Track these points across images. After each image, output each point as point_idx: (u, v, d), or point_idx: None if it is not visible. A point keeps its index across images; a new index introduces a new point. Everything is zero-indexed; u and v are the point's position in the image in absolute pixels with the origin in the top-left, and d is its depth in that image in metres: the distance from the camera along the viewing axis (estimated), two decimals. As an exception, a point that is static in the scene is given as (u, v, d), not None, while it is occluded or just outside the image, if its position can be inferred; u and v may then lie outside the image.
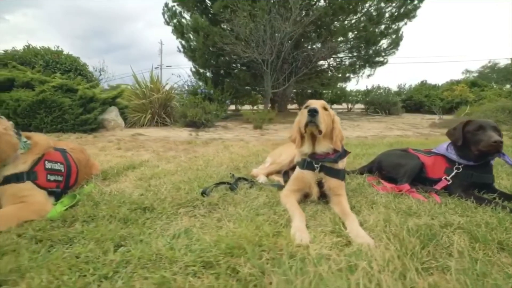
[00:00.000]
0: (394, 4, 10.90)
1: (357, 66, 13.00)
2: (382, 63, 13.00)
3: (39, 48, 10.40)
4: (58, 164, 1.69)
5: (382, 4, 10.73)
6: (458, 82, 14.43)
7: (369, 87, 15.85)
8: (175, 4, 11.89)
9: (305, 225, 1.26)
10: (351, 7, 9.90)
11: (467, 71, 26.76)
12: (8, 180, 1.42)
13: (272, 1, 8.20)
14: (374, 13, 10.72)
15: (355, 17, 11.36)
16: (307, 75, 11.55)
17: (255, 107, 15.76)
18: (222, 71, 11.63)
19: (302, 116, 1.54)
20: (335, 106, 17.45)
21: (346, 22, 11.00)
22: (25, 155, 1.52)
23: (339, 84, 15.19)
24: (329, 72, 13.64)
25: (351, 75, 13.46)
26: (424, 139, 5.47)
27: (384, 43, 11.97)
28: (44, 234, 1.15)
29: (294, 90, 14.37)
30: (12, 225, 1.25)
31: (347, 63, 13.26)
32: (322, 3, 10.23)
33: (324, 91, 16.69)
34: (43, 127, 5.79)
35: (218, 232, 1.18)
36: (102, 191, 1.74)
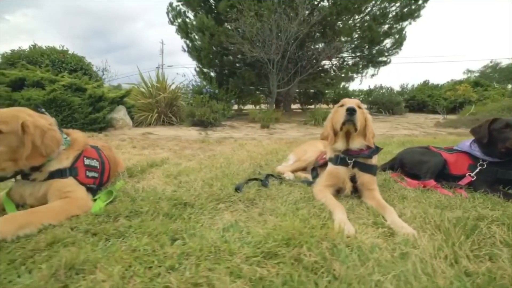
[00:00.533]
0: (398, 4, 10.95)
1: (360, 66, 13.04)
2: (385, 63, 13.03)
3: (44, 48, 10.42)
4: (95, 160, 1.73)
5: (386, 4, 10.78)
6: (460, 82, 14.49)
7: (372, 87, 15.92)
8: (179, 3, 11.92)
9: (347, 218, 1.30)
10: (355, 6, 9.94)
11: (469, 71, 26.87)
12: (53, 175, 1.45)
13: (278, 1, 8.23)
14: (378, 13, 10.77)
15: (358, 17, 11.41)
16: (311, 75, 11.59)
17: (257, 107, 15.81)
18: (226, 71, 11.66)
19: (338, 115, 1.59)
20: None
21: (350, 21, 11.03)
22: (66, 151, 1.56)
23: (342, 84, 15.25)
24: (332, 72, 13.68)
25: (354, 75, 13.51)
26: (432, 138, 5.52)
27: (387, 42, 12.02)
28: (96, 228, 1.18)
29: (297, 90, 14.40)
30: (62, 219, 1.29)
31: (350, 63, 13.30)
32: (325, 3, 10.28)
33: (327, 91, 16.75)
34: (53, 126, 5.81)
35: (264, 225, 1.22)
36: (136, 188, 1.77)
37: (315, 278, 0.83)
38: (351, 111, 1.49)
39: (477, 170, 1.85)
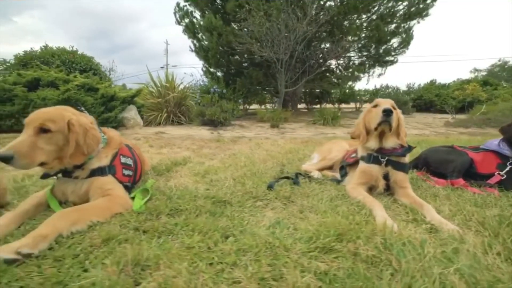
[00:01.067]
0: (406, 3, 10.88)
1: (367, 66, 12.99)
2: (392, 62, 12.97)
3: (55, 49, 10.55)
4: (129, 159, 1.76)
5: (393, 3, 10.72)
6: (468, 81, 14.37)
7: (378, 87, 15.85)
8: (186, 4, 11.98)
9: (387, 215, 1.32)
10: (363, 5, 9.91)
11: (476, 69, 26.53)
12: (94, 173, 1.48)
13: (286, 1, 8.23)
14: (385, 12, 10.72)
15: (365, 16, 11.37)
16: (318, 75, 11.58)
17: (262, 106, 15.84)
18: (233, 71, 11.69)
19: (373, 115, 1.61)
20: (343, 105, 17.45)
21: (357, 21, 11.00)
22: (105, 150, 1.59)
23: (348, 84, 15.20)
24: (338, 72, 13.65)
25: (361, 75, 13.45)
26: (445, 137, 5.49)
27: (395, 42, 11.96)
28: (144, 226, 1.20)
29: (303, 90, 14.39)
30: (107, 217, 1.30)
31: (356, 62, 13.26)
32: (332, 2, 10.26)
33: (332, 90, 16.72)
34: (67, 125, 5.89)
35: (308, 222, 1.24)
36: (168, 186, 1.80)
37: (377, 271, 0.85)
38: (388, 112, 1.52)
39: (507, 169, 1.85)
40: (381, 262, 0.89)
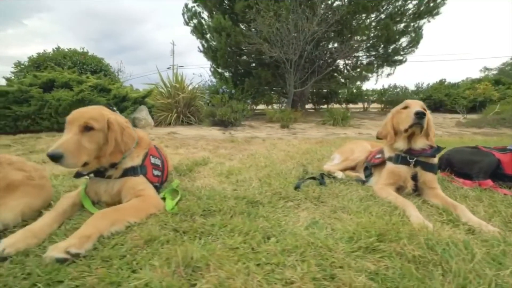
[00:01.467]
0: (415, 2, 10.75)
1: (375, 65, 12.88)
2: (401, 62, 12.84)
3: (66, 50, 10.73)
4: (158, 159, 1.78)
5: (402, 2, 10.59)
6: (479, 80, 14.13)
7: (385, 86, 15.70)
8: (194, 5, 12.06)
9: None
10: (372, 4, 9.83)
11: (486, 68, 25.96)
12: (126, 172, 1.49)
13: (296, 1, 8.22)
14: (395, 11, 10.60)
15: (373, 15, 11.28)
16: (326, 74, 11.52)
17: (269, 106, 15.84)
18: (241, 71, 11.72)
19: (403, 116, 1.61)
20: (350, 105, 17.34)
21: (367, 20, 10.91)
22: (136, 150, 1.61)
23: (356, 83, 15.09)
24: (345, 71, 13.56)
25: (369, 75, 13.34)
26: (459, 138, 5.42)
27: (404, 41, 11.83)
28: (183, 227, 1.20)
29: (310, 90, 14.34)
30: (143, 218, 1.30)
31: (364, 62, 13.15)
32: (341, 1, 10.20)
33: (340, 90, 16.63)
34: (81, 126, 5.98)
35: (343, 222, 1.25)
36: (196, 187, 1.82)
37: (426, 272, 0.85)
38: (421, 115, 1.51)
39: (538, 170, 1.82)
40: (429, 262, 0.90)
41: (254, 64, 11.12)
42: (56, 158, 1.20)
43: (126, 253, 1.00)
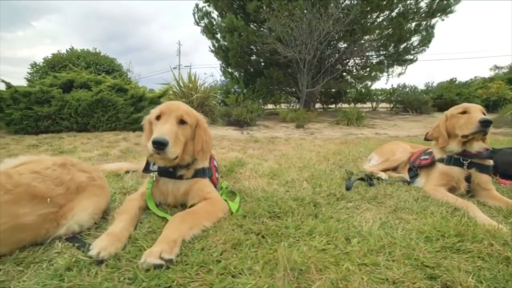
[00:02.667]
0: (427, 0, 10.64)
1: (385, 64, 12.79)
2: (411, 61, 12.74)
3: (79, 51, 10.85)
4: (216, 161, 1.79)
5: (413, 1, 10.47)
6: (491, 79, 13.97)
7: (394, 86, 15.58)
8: (205, 5, 12.10)
9: (486, 217, 1.32)
10: (385, 3, 9.76)
11: (496, 67, 25.45)
12: (197, 173, 1.48)
13: (310, 1, 8.21)
14: (407, 9, 10.51)
15: (384, 14, 11.20)
16: (337, 73, 11.49)
17: (277, 106, 15.82)
18: (252, 71, 11.73)
19: (463, 122, 1.62)
20: (359, 105, 17.25)
21: (378, 19, 10.84)
22: None
23: (366, 83, 15.01)
24: (354, 71, 13.50)
25: (379, 74, 13.26)
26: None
27: (415, 40, 11.73)
28: (259, 229, 1.19)
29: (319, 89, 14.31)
30: (214, 221, 1.27)
31: (374, 61, 13.07)
32: (355, 1, 10.15)
33: (348, 90, 16.56)
34: (99, 125, 6.05)
35: (408, 222, 1.26)
36: (248, 188, 1.84)
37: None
38: (487, 123, 1.51)
39: None
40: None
41: (265, 64, 11.12)
42: (163, 144, 1.19)
43: (219, 257, 0.98)
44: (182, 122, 1.34)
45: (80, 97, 5.94)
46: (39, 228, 1.03)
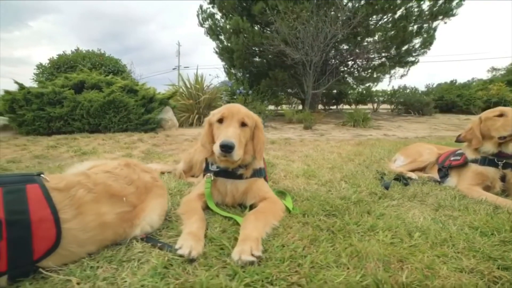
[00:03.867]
0: (430, 3, 10.79)
1: (387, 66, 12.93)
2: (413, 63, 12.91)
3: (84, 52, 10.84)
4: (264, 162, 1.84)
5: (414, 4, 10.62)
6: (491, 81, 14.23)
7: (395, 87, 15.78)
8: (210, 6, 12.16)
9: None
10: (387, 6, 9.89)
11: (494, 68, 25.79)
12: (255, 173, 1.53)
13: (317, 3, 8.32)
14: (410, 12, 10.65)
15: (387, 16, 11.34)
16: (338, 75, 11.61)
17: (278, 107, 15.91)
18: (255, 72, 11.80)
19: (499, 124, 1.72)
20: (360, 106, 17.41)
21: (381, 21, 10.97)
22: None
23: (367, 84, 15.16)
24: (356, 73, 13.62)
25: (381, 75, 13.40)
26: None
27: (417, 42, 11.88)
28: (327, 226, 1.26)
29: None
30: (279, 220, 1.30)
31: (376, 63, 13.20)
32: (355, 3, 10.27)
33: (350, 91, 16.73)
34: (111, 126, 6.07)
35: (456, 220, 1.34)
36: (287, 186, 1.91)
37: None
38: None
39: None
40: None
41: (269, 65, 11.21)
42: (231, 148, 1.26)
43: (305, 253, 1.02)
44: (243, 124, 1.41)
45: (92, 98, 5.96)
46: (118, 227, 1.07)
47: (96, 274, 0.86)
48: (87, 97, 5.95)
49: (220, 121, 1.43)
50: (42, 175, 0.96)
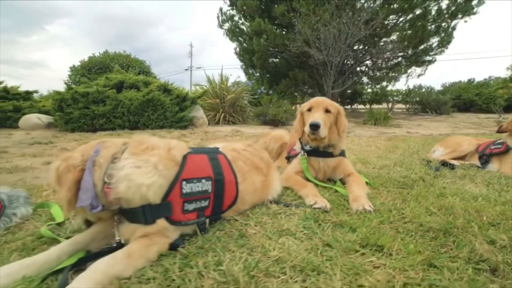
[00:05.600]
0: (447, 1, 10.83)
1: (403, 66, 13.01)
2: (429, 62, 12.95)
3: (112, 54, 11.43)
4: None
5: (432, 3, 10.69)
6: (511, 79, 14.11)
7: (411, 87, 15.80)
8: (229, 8, 12.57)
9: None
10: (407, 5, 10.03)
11: (512, 66, 25.17)
12: (342, 153, 1.90)
13: (337, 3, 8.58)
14: (428, 11, 10.72)
15: (403, 16, 11.46)
16: (356, 75, 11.81)
17: (293, 107, 16.13)
18: (275, 72, 12.12)
19: None
20: (374, 106, 17.46)
21: (402, 19, 11.04)
22: None
23: (383, 84, 15.24)
24: (371, 73, 13.75)
25: (397, 75, 13.49)
26: None
27: (435, 41, 11.92)
28: (404, 192, 1.59)
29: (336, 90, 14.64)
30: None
31: (393, 62, 13.31)
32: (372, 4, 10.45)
33: (365, 91, 16.85)
34: (149, 123, 6.52)
35: (508, 192, 1.63)
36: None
37: None
38: None
39: None
40: None
41: (289, 66, 11.52)
42: (317, 126, 1.66)
43: (400, 207, 1.34)
44: (327, 111, 1.78)
45: (132, 97, 6.42)
46: (261, 192, 1.39)
47: (262, 220, 1.20)
48: (128, 96, 6.41)
49: (309, 110, 1.79)
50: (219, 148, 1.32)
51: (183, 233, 1.00)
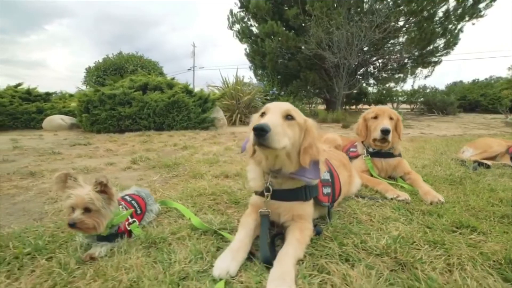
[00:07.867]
0: (454, 4, 11.06)
1: (409, 67, 13.26)
2: (435, 63, 13.22)
3: (126, 56, 11.65)
4: None
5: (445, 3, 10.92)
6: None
7: (415, 87, 16.09)
8: (240, 10, 12.81)
9: None
10: (416, 8, 10.27)
11: (514, 66, 25.46)
12: (400, 154, 2.17)
13: (348, 10, 8.83)
14: (434, 13, 10.95)
15: (411, 18, 11.70)
16: (362, 76, 12.09)
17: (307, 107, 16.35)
18: (285, 73, 12.37)
19: None
20: (379, 106, 17.65)
21: (409, 22, 11.30)
22: None
23: (389, 84, 15.52)
24: (377, 74, 14.02)
25: (404, 76, 13.76)
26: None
27: (441, 43, 12.17)
28: (459, 189, 1.89)
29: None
30: None
31: (399, 64, 13.57)
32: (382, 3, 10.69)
33: (369, 92, 17.14)
34: (174, 124, 6.76)
35: None
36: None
37: None
38: None
39: None
40: None
41: (301, 67, 11.76)
42: (388, 131, 1.90)
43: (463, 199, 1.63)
44: (390, 118, 2.05)
45: (157, 98, 6.65)
46: (349, 185, 1.67)
47: (364, 211, 1.46)
48: (153, 97, 6.64)
49: (375, 117, 2.05)
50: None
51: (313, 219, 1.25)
